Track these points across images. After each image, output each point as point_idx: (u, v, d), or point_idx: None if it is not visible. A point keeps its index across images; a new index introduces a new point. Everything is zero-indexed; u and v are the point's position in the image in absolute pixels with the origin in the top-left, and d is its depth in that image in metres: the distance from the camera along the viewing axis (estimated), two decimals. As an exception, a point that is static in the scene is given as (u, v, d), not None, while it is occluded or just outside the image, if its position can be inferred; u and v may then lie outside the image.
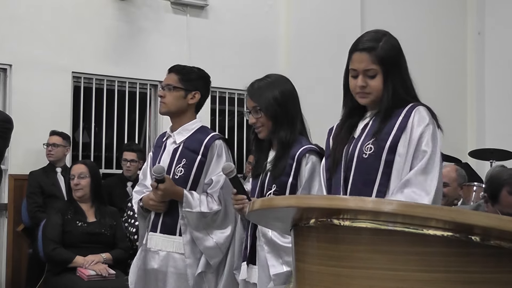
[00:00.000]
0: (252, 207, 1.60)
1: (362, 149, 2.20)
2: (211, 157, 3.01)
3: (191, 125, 3.11)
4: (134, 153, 5.73)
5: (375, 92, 2.22)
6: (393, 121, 2.19)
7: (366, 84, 2.21)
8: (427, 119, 2.16)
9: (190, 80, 3.09)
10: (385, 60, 2.19)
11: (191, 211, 2.92)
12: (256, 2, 6.96)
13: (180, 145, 3.07)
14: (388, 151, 2.16)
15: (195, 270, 2.94)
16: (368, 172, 2.18)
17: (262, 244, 2.63)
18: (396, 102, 2.21)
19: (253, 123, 2.73)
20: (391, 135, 2.17)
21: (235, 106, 6.96)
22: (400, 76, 2.23)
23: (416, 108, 2.18)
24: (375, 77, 2.20)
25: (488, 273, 1.32)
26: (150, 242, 3.02)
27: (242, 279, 2.74)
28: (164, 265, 2.97)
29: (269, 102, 2.68)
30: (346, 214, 1.40)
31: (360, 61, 2.21)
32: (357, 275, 1.39)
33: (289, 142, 2.67)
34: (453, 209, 1.37)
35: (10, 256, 5.64)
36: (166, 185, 2.91)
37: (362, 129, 2.27)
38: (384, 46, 2.21)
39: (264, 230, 2.60)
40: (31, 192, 5.40)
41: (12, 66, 5.79)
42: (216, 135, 3.09)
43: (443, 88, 7.71)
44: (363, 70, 2.20)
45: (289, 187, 2.65)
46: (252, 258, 2.70)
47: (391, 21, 7.29)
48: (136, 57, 6.31)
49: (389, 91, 2.20)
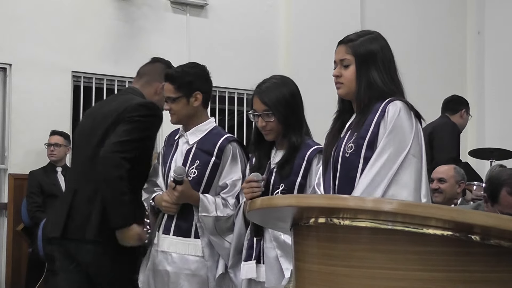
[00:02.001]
0: (252, 207, 1.60)
1: (345, 149, 2.24)
2: (225, 160, 2.96)
3: (204, 126, 3.06)
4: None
5: (347, 82, 2.27)
6: (370, 117, 2.20)
7: (340, 74, 2.30)
8: (398, 114, 2.15)
9: (187, 84, 3.00)
10: (359, 52, 2.26)
11: (208, 216, 2.88)
12: (256, 2, 6.96)
13: (193, 146, 3.01)
14: (367, 148, 2.17)
15: (215, 272, 2.91)
16: (350, 171, 2.21)
17: (274, 248, 2.62)
18: (373, 94, 2.22)
19: (263, 126, 2.70)
20: (369, 132, 2.18)
21: (235, 106, 6.96)
22: (378, 70, 2.25)
23: (392, 103, 2.19)
24: (348, 67, 2.28)
25: (488, 272, 1.32)
26: (163, 244, 2.98)
27: (245, 279, 2.73)
28: (177, 267, 2.92)
29: (280, 106, 2.67)
30: (346, 213, 1.40)
31: (338, 52, 2.33)
32: (357, 274, 1.39)
33: (299, 145, 2.67)
34: (453, 208, 1.37)
35: (10, 255, 5.64)
36: (184, 187, 2.86)
37: (347, 129, 2.30)
38: (363, 40, 2.29)
39: (276, 233, 2.61)
40: (31, 191, 5.40)
41: (12, 66, 5.79)
42: (230, 137, 3.04)
43: (443, 87, 7.69)
44: (339, 60, 2.31)
45: (297, 186, 2.64)
46: (259, 257, 2.70)
47: (391, 21, 7.32)
48: (136, 56, 6.28)
49: (363, 83, 2.24)
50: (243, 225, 2.82)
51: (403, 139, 2.13)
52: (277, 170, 2.69)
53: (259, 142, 2.79)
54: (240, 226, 2.82)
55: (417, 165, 2.12)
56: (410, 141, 2.13)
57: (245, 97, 6.73)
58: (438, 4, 8.12)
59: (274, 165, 2.72)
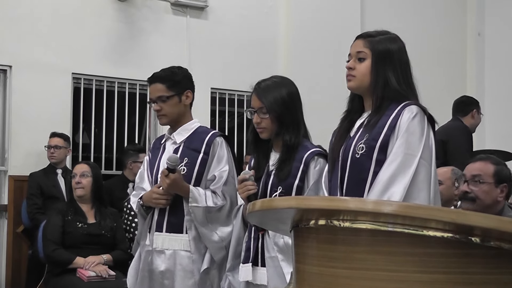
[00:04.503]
0: (253, 208, 1.60)
1: (355, 149, 2.21)
2: (213, 154, 3.02)
3: (190, 125, 3.13)
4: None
5: (360, 76, 2.24)
6: (384, 118, 2.19)
7: (353, 66, 2.26)
8: (413, 118, 2.14)
9: (178, 82, 3.08)
10: (377, 47, 2.24)
11: (197, 206, 2.92)
12: (256, 3, 6.96)
13: (180, 145, 3.08)
14: (379, 151, 2.16)
15: (200, 266, 2.94)
16: (360, 172, 2.19)
17: (276, 254, 2.62)
18: (389, 93, 2.21)
19: (258, 123, 2.71)
20: (382, 134, 2.17)
21: (235, 107, 6.96)
22: (395, 71, 2.23)
23: (408, 107, 2.18)
24: (364, 60, 2.24)
25: (488, 274, 1.32)
26: (156, 242, 3.01)
27: (243, 281, 2.73)
28: (171, 264, 2.97)
29: (276, 104, 2.67)
30: (346, 215, 1.40)
31: (355, 45, 2.29)
32: (357, 276, 1.39)
33: (294, 145, 2.67)
34: (453, 210, 1.37)
35: (10, 257, 5.64)
36: (176, 176, 2.90)
37: (358, 128, 2.27)
38: (382, 38, 2.27)
39: (276, 239, 2.61)
40: (31, 193, 5.40)
41: (12, 67, 5.79)
42: (216, 133, 3.10)
43: (443, 89, 7.70)
44: (355, 53, 2.27)
45: (295, 189, 2.64)
46: (256, 260, 2.70)
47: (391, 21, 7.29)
48: (136, 58, 6.31)
49: (380, 80, 2.21)
50: (242, 228, 2.82)
51: (415, 143, 2.12)
52: (275, 172, 2.69)
53: (256, 143, 2.80)
54: (239, 230, 2.83)
55: (427, 169, 2.12)
56: (421, 145, 2.12)
57: (245, 99, 6.73)
58: (438, 5, 8.12)
59: (272, 167, 2.72)
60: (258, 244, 2.69)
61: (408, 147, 2.11)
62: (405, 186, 2.05)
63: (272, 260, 2.63)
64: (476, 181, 3.13)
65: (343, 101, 2.40)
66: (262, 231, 2.67)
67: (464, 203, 3.17)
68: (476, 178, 3.14)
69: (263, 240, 2.68)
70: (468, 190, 3.15)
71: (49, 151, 5.55)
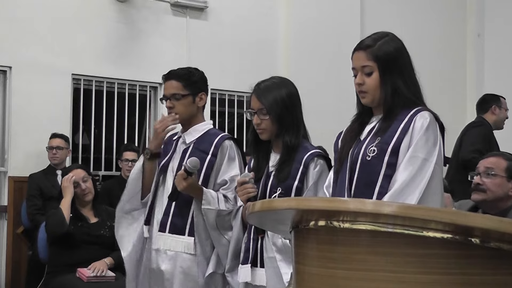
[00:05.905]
0: (253, 209, 1.60)
1: (366, 152, 2.21)
2: (222, 157, 3.00)
3: (201, 126, 3.10)
4: (135, 152, 5.73)
5: (371, 91, 2.23)
6: (397, 123, 2.20)
7: (362, 82, 2.24)
8: (427, 124, 2.16)
9: (194, 83, 3.05)
10: (381, 57, 2.21)
11: (210, 209, 2.90)
12: (256, 4, 6.96)
13: (190, 146, 3.06)
14: (391, 154, 2.16)
15: (205, 269, 2.93)
16: (370, 174, 2.19)
17: (274, 254, 2.62)
18: (399, 101, 2.21)
19: (257, 124, 2.70)
20: (394, 138, 2.18)
21: (235, 108, 6.96)
22: (401, 75, 2.23)
23: (421, 113, 2.19)
24: (371, 74, 2.22)
25: (488, 275, 1.32)
26: (158, 242, 3.01)
27: (243, 282, 2.73)
28: (172, 265, 2.96)
29: (276, 105, 2.67)
30: (345, 216, 1.40)
31: (357, 59, 2.25)
32: (357, 277, 1.39)
33: (294, 146, 2.67)
34: (453, 211, 1.37)
35: (10, 258, 5.64)
36: (194, 179, 2.88)
37: (368, 132, 2.28)
38: (381, 44, 2.24)
39: (274, 239, 2.61)
40: (31, 194, 5.40)
41: (12, 68, 5.79)
42: (226, 135, 3.09)
43: (443, 90, 7.70)
44: (360, 67, 2.24)
45: (294, 190, 2.64)
46: (255, 261, 2.70)
47: (391, 23, 7.29)
48: (135, 59, 6.31)
49: (388, 89, 2.21)
50: (241, 229, 2.82)
51: (430, 149, 2.14)
52: (275, 173, 2.69)
53: (256, 144, 2.80)
54: (238, 231, 2.83)
55: (440, 174, 2.15)
56: (436, 151, 2.14)
57: (245, 99, 6.73)
58: (438, 6, 8.12)
59: (272, 168, 2.72)
60: (257, 245, 2.69)
61: (423, 152, 2.13)
62: (421, 190, 2.07)
63: (270, 261, 2.62)
64: (488, 173, 3.16)
65: (342, 102, 2.41)
66: (261, 234, 2.67)
67: (475, 194, 3.19)
68: (489, 171, 3.17)
69: (262, 241, 2.68)
70: (480, 182, 3.16)
71: (51, 152, 5.54)
